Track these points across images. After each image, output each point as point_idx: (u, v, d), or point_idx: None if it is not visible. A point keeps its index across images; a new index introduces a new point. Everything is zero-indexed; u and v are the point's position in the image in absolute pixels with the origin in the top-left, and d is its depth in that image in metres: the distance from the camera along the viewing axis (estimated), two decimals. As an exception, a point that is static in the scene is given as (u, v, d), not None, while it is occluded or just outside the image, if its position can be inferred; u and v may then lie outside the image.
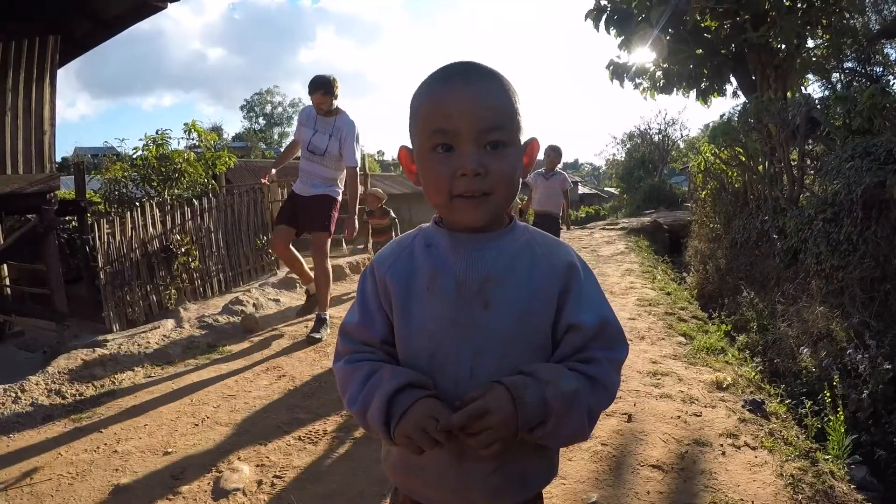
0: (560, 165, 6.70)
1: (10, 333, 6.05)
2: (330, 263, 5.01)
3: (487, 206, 0.94)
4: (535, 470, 1.04)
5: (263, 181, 5.17)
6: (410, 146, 1.04)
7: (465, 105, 0.92)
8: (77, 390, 4.01)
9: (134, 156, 8.49)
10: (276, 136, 60.66)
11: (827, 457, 2.90)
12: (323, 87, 4.60)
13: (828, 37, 12.87)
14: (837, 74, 17.90)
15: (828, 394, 3.64)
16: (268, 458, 2.89)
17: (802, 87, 13.13)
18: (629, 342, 3.53)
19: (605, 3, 13.56)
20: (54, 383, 4.02)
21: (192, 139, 9.27)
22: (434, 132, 0.94)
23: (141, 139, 8.26)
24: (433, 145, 0.95)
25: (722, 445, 2.77)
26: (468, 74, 0.96)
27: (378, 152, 60.16)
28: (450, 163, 0.93)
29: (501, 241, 0.97)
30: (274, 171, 5.25)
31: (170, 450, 3.04)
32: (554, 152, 6.58)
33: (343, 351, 1.05)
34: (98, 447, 3.17)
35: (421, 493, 1.05)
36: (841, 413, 3.37)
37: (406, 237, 1.07)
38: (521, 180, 1.00)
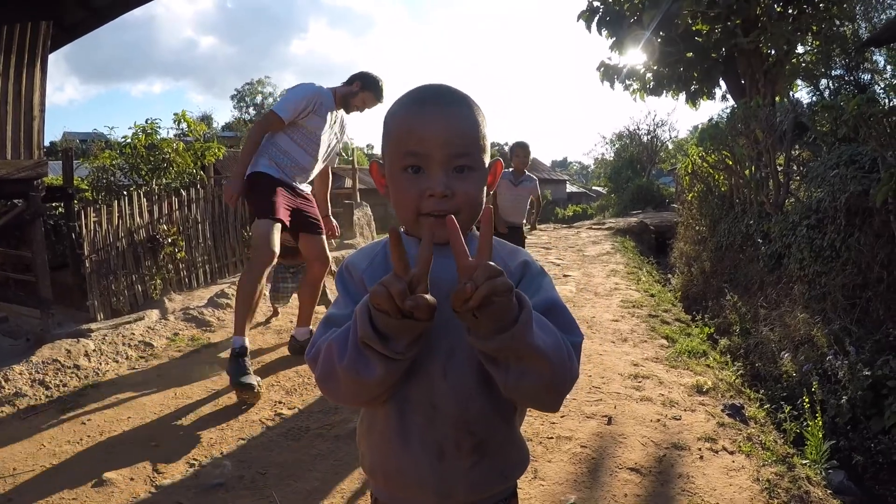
0: (529, 164, 5.78)
1: None
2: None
3: (451, 225, 0.96)
4: (511, 460, 1.07)
5: (231, 203, 3.96)
6: (381, 160, 1.09)
7: (437, 131, 0.97)
8: (61, 381, 4.00)
9: (123, 144, 8.43)
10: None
11: (804, 462, 2.95)
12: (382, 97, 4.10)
13: (817, 43, 12.98)
14: (826, 81, 18.07)
15: (807, 399, 3.69)
16: (250, 453, 2.89)
17: (791, 93, 13.23)
18: (612, 343, 3.57)
19: (598, 4, 13.62)
20: (38, 373, 4.00)
21: (182, 129, 9.20)
22: (406, 154, 0.98)
23: (130, 127, 8.20)
24: (404, 166, 0.99)
25: (700, 449, 2.81)
26: (441, 100, 1.01)
27: (367, 146, 59.94)
28: (419, 183, 0.98)
29: (467, 248, 0.99)
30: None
31: (153, 443, 3.04)
32: (522, 151, 5.64)
33: (327, 335, 0.99)
34: (81, 439, 3.16)
35: (400, 497, 1.06)
36: (819, 418, 3.42)
37: (375, 245, 1.11)
38: (484, 198, 1.04)
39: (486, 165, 1.05)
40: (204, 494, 2.51)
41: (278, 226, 3.68)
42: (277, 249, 3.66)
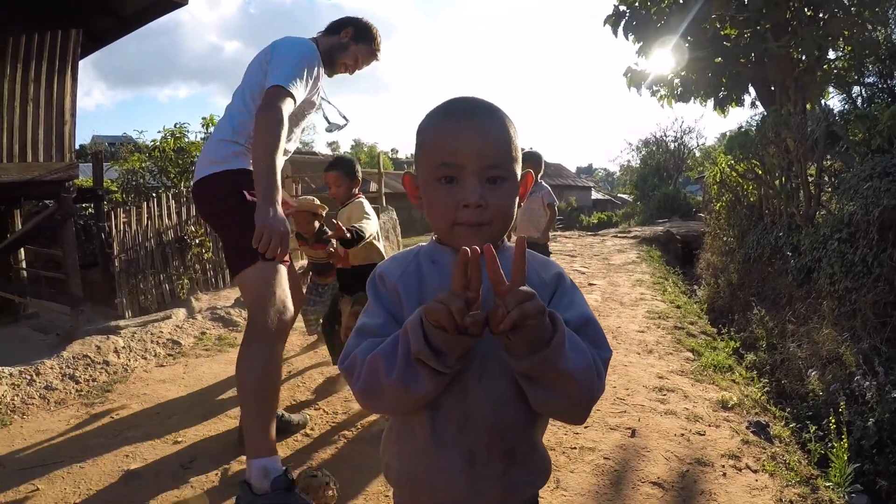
0: (541, 175, 5.32)
1: (24, 315, 6.16)
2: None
3: (486, 233, 1.00)
4: (536, 467, 1.08)
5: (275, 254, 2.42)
6: (414, 172, 1.11)
7: (470, 142, 0.99)
8: (91, 376, 4.10)
9: (152, 147, 8.59)
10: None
11: (828, 484, 2.90)
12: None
13: (849, 49, 12.74)
14: (858, 88, 17.71)
15: (833, 419, 3.62)
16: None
17: (822, 100, 13.00)
18: (637, 354, 3.55)
19: (624, 8, 13.49)
20: (69, 368, 4.11)
21: (210, 133, 9.34)
22: (440, 165, 1.00)
23: (159, 131, 8.37)
24: (438, 177, 1.01)
25: (724, 466, 2.78)
26: (473, 112, 1.03)
27: (392, 150, 60.13)
28: (453, 194, 1.00)
29: (499, 257, 1.00)
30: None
31: (179, 439, 3.11)
32: (531, 162, 4.83)
33: (364, 346, 0.99)
34: (109, 433, 3.24)
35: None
36: (845, 440, 3.35)
37: (407, 253, 1.12)
38: (515, 209, 1.06)
39: (518, 176, 1.06)
40: (229, 490, 2.54)
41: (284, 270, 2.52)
42: (292, 307, 2.55)
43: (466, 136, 0.99)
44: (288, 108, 2.42)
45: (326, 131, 3.30)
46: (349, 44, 2.84)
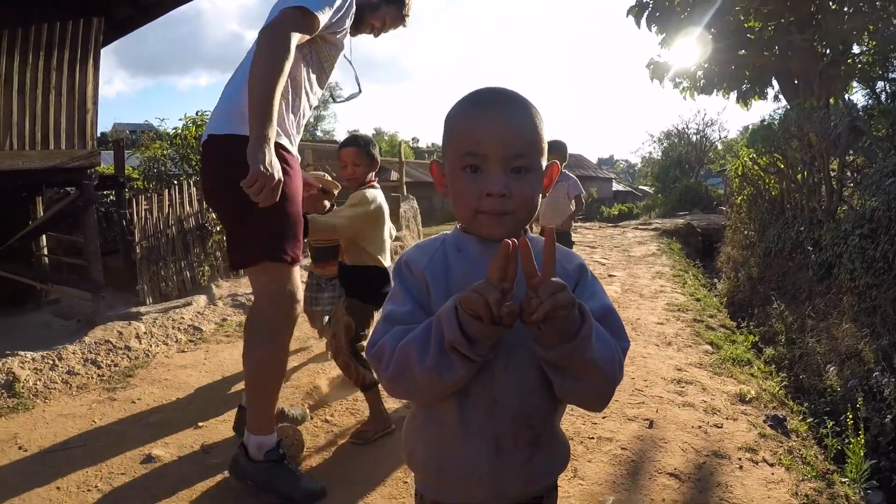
0: (564, 165, 5.14)
1: (46, 301, 6.26)
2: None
3: (508, 222, 1.03)
4: (557, 454, 1.11)
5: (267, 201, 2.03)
6: (441, 161, 1.13)
7: (495, 132, 1.00)
8: (112, 361, 4.17)
9: (173, 135, 8.66)
10: (311, 119, 60.97)
11: (844, 479, 2.89)
12: None
13: (873, 43, 12.54)
14: (882, 83, 17.44)
15: (850, 415, 3.60)
16: (295, 439, 2.97)
17: (846, 95, 12.82)
18: (656, 346, 3.54)
19: (648, -1, 13.40)
20: (91, 353, 4.17)
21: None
22: (465, 154, 1.02)
23: (181, 119, 8.43)
24: (463, 165, 1.03)
25: (740, 459, 2.79)
26: (499, 102, 1.04)
27: (413, 139, 60.06)
28: (477, 183, 1.01)
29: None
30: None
31: (201, 424, 3.16)
32: (555, 151, 4.70)
33: (393, 333, 1.00)
34: (131, 417, 3.31)
35: (453, 492, 1.09)
36: (862, 436, 3.34)
37: (433, 241, 1.13)
38: (539, 200, 1.08)
39: (543, 167, 1.07)
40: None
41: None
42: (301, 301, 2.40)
43: (491, 126, 1.00)
44: (302, 34, 2.08)
45: (335, 101, 3.00)
46: (380, 3, 2.56)
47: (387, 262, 2.97)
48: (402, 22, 2.66)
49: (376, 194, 2.93)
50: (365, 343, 2.81)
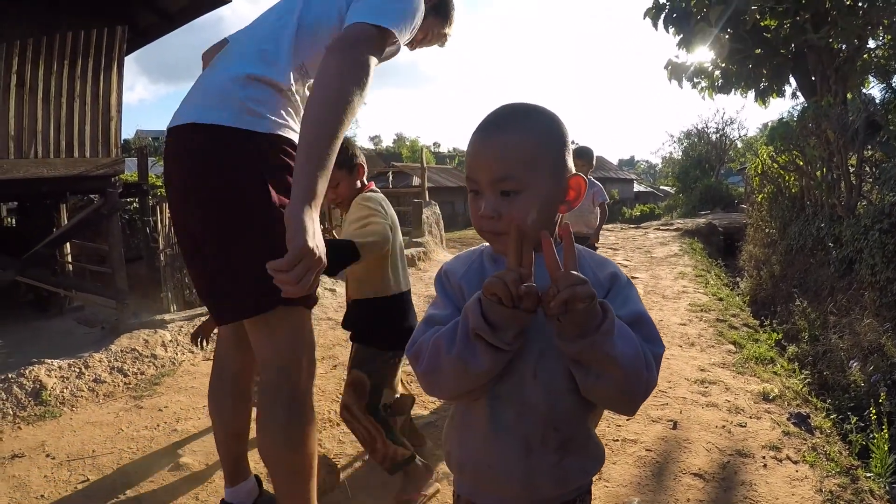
0: (592, 171, 5.09)
1: (69, 308, 6.31)
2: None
3: (503, 242, 1.06)
4: (590, 457, 1.15)
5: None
6: None
7: (484, 157, 1.06)
8: (139, 369, 4.19)
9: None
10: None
11: (868, 474, 2.92)
12: None
13: (889, 38, 12.44)
14: (899, 77, 17.24)
15: (874, 410, 3.64)
16: (322, 445, 3.01)
17: (863, 89, 12.72)
18: (679, 347, 3.57)
19: (664, 1, 13.39)
20: (117, 361, 4.19)
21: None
22: (468, 178, 1.10)
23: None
24: (469, 189, 1.12)
25: (764, 458, 2.84)
26: (500, 124, 1.08)
27: (434, 143, 59.95)
28: (477, 204, 1.09)
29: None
30: None
31: (229, 433, 3.22)
32: (581, 158, 4.81)
33: (430, 332, 1.07)
34: (158, 425, 3.34)
35: (486, 491, 1.15)
36: (886, 430, 3.37)
37: (472, 252, 1.20)
38: (545, 215, 1.08)
39: (544, 185, 1.07)
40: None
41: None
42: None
43: (482, 152, 1.05)
44: (378, 59, 1.57)
45: None
46: (428, 13, 1.88)
47: (403, 284, 2.44)
48: (444, 38, 2.19)
49: (365, 196, 2.39)
50: (389, 402, 2.48)
